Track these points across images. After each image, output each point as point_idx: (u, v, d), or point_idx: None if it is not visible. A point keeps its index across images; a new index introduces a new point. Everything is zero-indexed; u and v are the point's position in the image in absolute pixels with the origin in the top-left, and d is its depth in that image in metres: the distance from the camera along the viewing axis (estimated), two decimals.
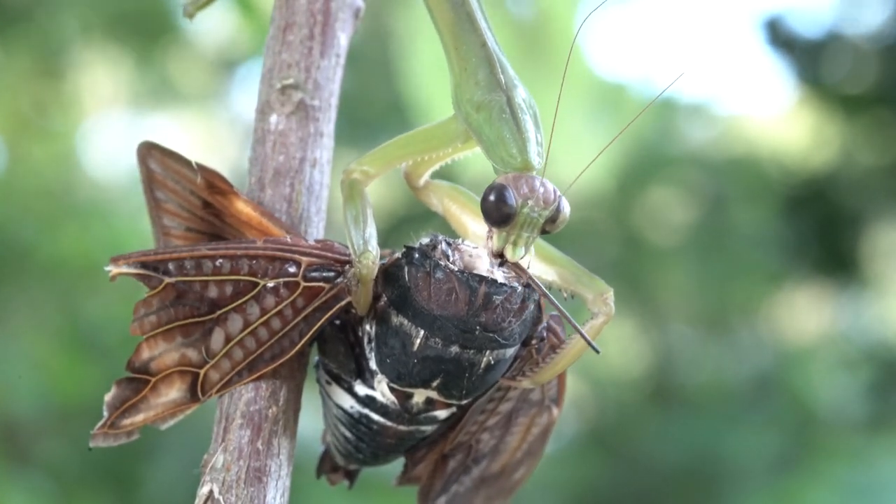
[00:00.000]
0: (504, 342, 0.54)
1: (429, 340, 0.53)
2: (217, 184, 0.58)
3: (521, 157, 0.54)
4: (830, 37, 2.99)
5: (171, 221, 0.61)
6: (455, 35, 0.57)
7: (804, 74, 3.00)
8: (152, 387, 0.57)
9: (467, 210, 0.59)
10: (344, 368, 0.57)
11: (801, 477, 2.23)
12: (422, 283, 0.53)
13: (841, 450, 2.34)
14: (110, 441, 0.57)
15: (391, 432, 0.58)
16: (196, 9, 0.67)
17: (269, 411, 0.56)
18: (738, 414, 2.54)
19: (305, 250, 0.55)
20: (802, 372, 2.63)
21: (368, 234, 0.54)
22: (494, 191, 0.53)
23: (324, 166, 0.62)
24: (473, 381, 0.55)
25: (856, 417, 2.57)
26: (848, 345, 2.85)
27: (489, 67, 0.56)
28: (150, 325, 0.56)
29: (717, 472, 2.44)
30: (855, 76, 2.98)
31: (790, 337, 2.93)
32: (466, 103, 0.56)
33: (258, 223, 0.58)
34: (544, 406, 0.64)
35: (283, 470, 0.56)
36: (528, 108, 0.55)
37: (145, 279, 0.56)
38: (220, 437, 0.56)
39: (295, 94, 0.62)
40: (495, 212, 0.53)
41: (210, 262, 0.56)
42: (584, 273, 0.57)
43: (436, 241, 0.54)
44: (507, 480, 0.66)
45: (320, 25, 0.63)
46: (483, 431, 0.63)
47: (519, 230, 0.53)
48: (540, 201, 0.53)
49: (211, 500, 0.54)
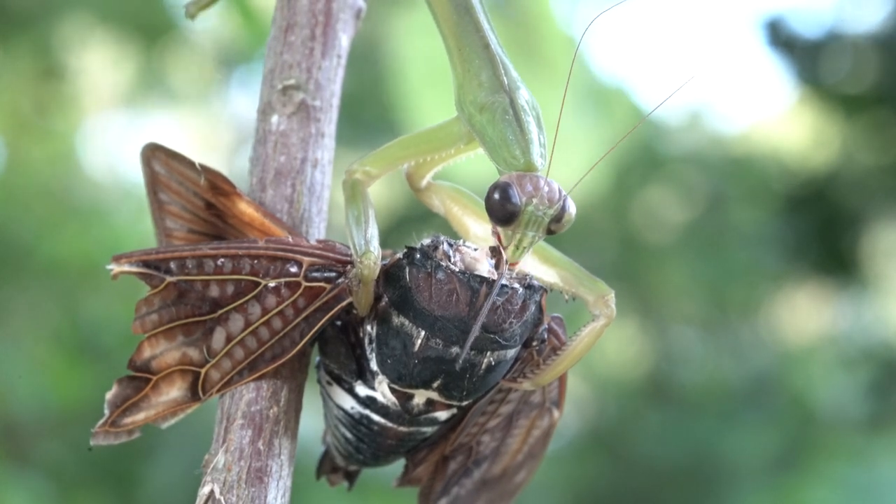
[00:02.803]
0: (505, 343, 0.54)
1: (430, 341, 0.53)
2: (220, 185, 0.58)
3: (524, 159, 0.54)
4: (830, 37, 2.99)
5: (174, 223, 0.61)
6: (458, 36, 0.57)
7: (804, 74, 3.00)
8: (153, 385, 0.57)
9: (469, 211, 0.59)
10: (345, 369, 0.57)
11: (800, 477, 2.23)
12: (423, 283, 0.53)
13: (841, 449, 2.34)
14: (111, 439, 0.57)
15: (392, 433, 0.58)
16: (198, 9, 0.67)
17: (271, 411, 0.56)
18: (737, 414, 2.54)
19: (307, 250, 0.55)
20: (802, 372, 2.63)
21: (370, 234, 0.54)
22: (499, 189, 0.53)
23: (325, 167, 0.62)
24: (474, 383, 0.55)
25: (856, 417, 2.57)
26: (848, 345, 2.85)
27: (492, 69, 0.56)
28: (152, 324, 0.57)
29: (717, 471, 2.43)
30: (855, 76, 2.98)
31: (790, 337, 2.93)
32: (469, 105, 0.56)
33: (260, 224, 0.58)
34: (545, 408, 0.64)
35: (284, 470, 0.56)
36: (531, 110, 0.55)
37: (147, 278, 0.56)
38: (221, 438, 0.56)
39: (296, 94, 0.62)
40: (500, 210, 0.53)
41: (212, 261, 0.56)
42: (585, 275, 0.57)
43: (437, 242, 0.54)
44: (508, 483, 0.66)
45: (322, 26, 0.63)
46: (484, 433, 0.63)
47: (524, 229, 0.53)
48: (545, 200, 0.53)
49: (212, 500, 0.54)
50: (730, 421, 2.49)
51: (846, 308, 3.00)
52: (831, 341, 2.88)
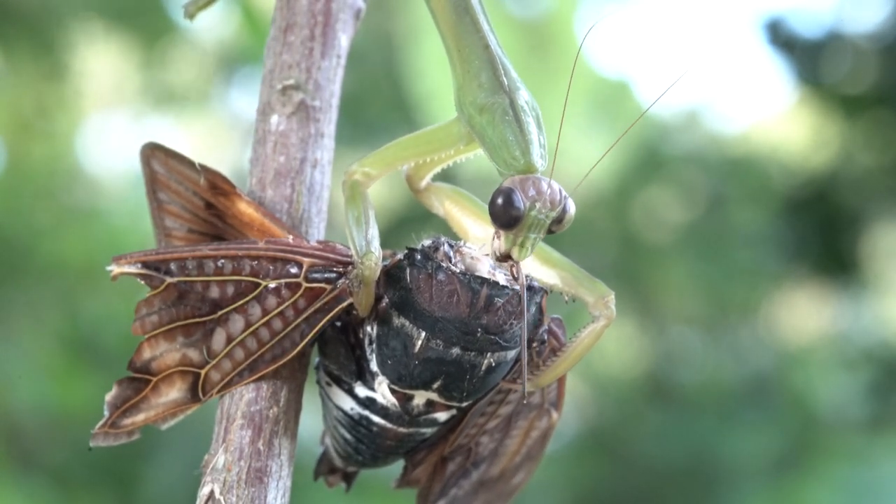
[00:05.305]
0: (505, 344, 0.54)
1: (430, 342, 0.53)
2: (220, 185, 0.58)
3: (524, 160, 0.54)
4: (830, 37, 2.99)
5: (174, 223, 0.61)
6: (457, 37, 0.57)
7: (804, 74, 3.00)
8: (153, 386, 0.57)
9: (468, 212, 0.59)
10: (344, 370, 0.57)
11: (800, 477, 2.23)
12: (423, 284, 0.53)
13: (841, 450, 2.34)
14: (111, 440, 0.57)
15: (391, 434, 0.58)
16: (197, 9, 0.67)
17: (270, 412, 0.56)
18: (737, 414, 2.53)
19: (307, 251, 0.55)
20: (802, 372, 2.63)
21: (371, 235, 0.54)
22: (502, 194, 0.53)
23: (325, 167, 0.62)
24: (474, 384, 0.55)
25: (856, 417, 2.57)
26: (848, 345, 2.85)
27: (492, 69, 0.56)
28: (152, 325, 0.57)
29: (717, 472, 2.43)
30: (855, 76, 2.98)
31: (790, 337, 2.93)
32: (469, 105, 0.56)
33: (260, 224, 0.58)
34: (544, 409, 0.64)
35: (283, 470, 0.56)
36: (531, 110, 0.55)
37: (147, 279, 0.56)
38: (221, 438, 0.56)
39: (296, 94, 0.62)
40: (503, 215, 0.53)
41: (212, 262, 0.56)
42: (585, 276, 0.57)
43: (438, 243, 0.54)
44: (505, 484, 0.66)
45: (321, 26, 0.63)
46: (483, 434, 0.63)
47: (526, 232, 0.53)
48: (547, 203, 0.53)
49: (212, 500, 0.54)
50: (730, 421, 2.49)
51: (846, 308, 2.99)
52: (831, 341, 2.87)
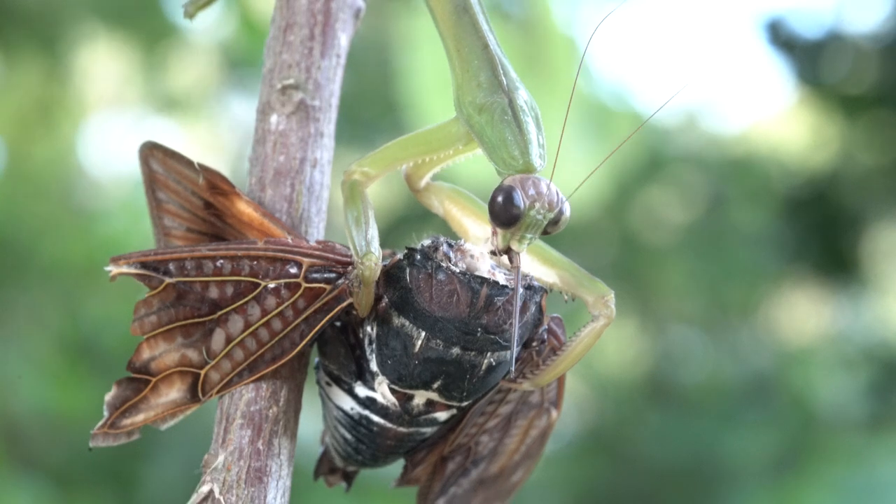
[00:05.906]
0: (505, 344, 0.54)
1: (430, 342, 0.53)
2: (219, 184, 0.58)
3: (522, 159, 0.54)
4: (830, 37, 2.99)
5: (172, 222, 0.61)
6: (457, 37, 0.57)
7: (804, 75, 3.00)
8: (153, 387, 0.57)
9: (468, 212, 0.59)
10: (344, 370, 0.57)
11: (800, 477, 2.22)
12: (423, 284, 0.53)
13: (841, 450, 2.34)
14: (110, 441, 0.57)
15: (391, 434, 0.58)
16: (196, 9, 0.67)
17: (270, 411, 0.56)
18: (737, 414, 2.53)
19: (307, 251, 0.55)
20: (802, 372, 2.63)
21: (370, 235, 0.54)
22: (503, 192, 0.53)
23: (324, 167, 0.62)
24: (474, 383, 0.55)
25: (856, 418, 2.57)
26: (848, 345, 2.84)
27: (491, 69, 0.56)
28: (151, 326, 0.56)
29: (717, 472, 2.43)
30: (855, 76, 2.98)
31: (790, 337, 2.92)
32: (468, 105, 0.56)
33: (259, 224, 0.58)
34: (543, 408, 0.64)
35: (283, 470, 0.56)
36: (530, 111, 0.55)
37: (146, 279, 0.56)
38: (220, 437, 0.56)
39: (295, 94, 0.62)
40: (503, 213, 0.53)
41: (211, 262, 0.56)
42: (584, 276, 0.58)
43: (437, 243, 0.54)
44: (504, 482, 0.66)
45: (321, 26, 0.63)
46: (482, 433, 0.63)
47: (523, 231, 0.53)
48: (546, 204, 0.53)
49: (211, 500, 0.54)
50: (729, 421, 2.49)
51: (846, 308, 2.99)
52: (831, 341, 2.87)
